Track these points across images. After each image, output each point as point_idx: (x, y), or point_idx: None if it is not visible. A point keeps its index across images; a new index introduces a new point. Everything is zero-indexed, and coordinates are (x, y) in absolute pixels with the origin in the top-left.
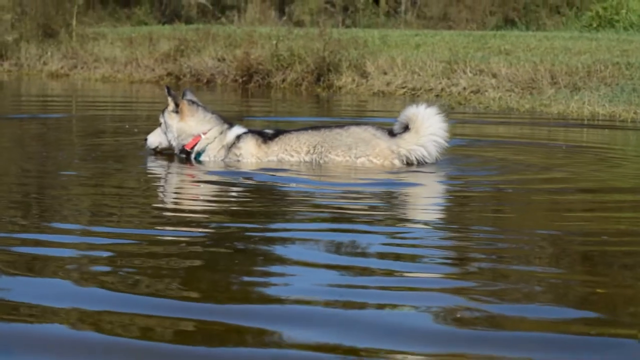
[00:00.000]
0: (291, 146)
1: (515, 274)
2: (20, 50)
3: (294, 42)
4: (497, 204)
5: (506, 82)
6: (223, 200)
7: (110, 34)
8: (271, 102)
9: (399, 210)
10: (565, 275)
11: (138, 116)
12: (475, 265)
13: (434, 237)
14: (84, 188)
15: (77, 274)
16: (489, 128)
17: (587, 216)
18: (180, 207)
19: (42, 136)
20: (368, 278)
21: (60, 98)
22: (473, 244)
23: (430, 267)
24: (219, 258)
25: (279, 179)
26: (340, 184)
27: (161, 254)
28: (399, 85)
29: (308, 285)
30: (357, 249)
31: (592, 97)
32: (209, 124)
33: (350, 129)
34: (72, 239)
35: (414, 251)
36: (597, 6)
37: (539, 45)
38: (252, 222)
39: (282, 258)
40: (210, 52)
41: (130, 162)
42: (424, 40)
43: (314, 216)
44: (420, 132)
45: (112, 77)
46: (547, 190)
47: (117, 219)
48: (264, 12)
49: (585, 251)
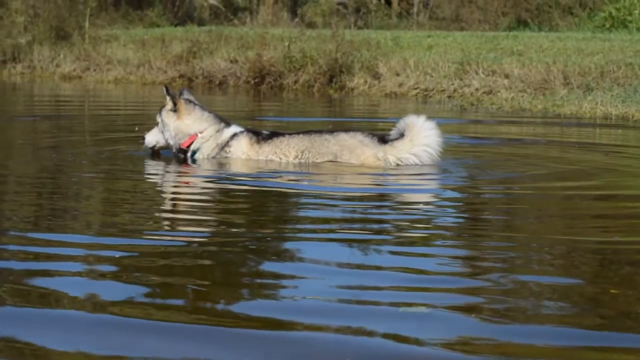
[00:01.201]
0: (281, 149)
1: (526, 286)
2: (33, 53)
3: (306, 44)
4: (508, 207)
5: (519, 83)
6: (225, 205)
7: (123, 36)
8: (283, 104)
9: (410, 216)
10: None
11: (149, 117)
12: (486, 277)
13: (445, 245)
14: (82, 191)
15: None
16: (501, 128)
17: (599, 221)
18: (181, 212)
19: (51, 136)
20: (376, 293)
21: (73, 100)
22: (484, 252)
23: (441, 279)
24: (231, 273)
25: (287, 184)
26: (350, 188)
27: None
28: (412, 87)
29: (312, 297)
30: (366, 260)
31: (605, 98)
32: (206, 123)
33: (338, 136)
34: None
35: (424, 263)
36: (610, 7)
37: (552, 46)
38: (261, 229)
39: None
40: (223, 54)
41: (134, 165)
42: (437, 41)
43: (321, 221)
44: (414, 141)
45: (125, 79)
46: (560, 190)
47: (122, 225)
48: (276, 14)
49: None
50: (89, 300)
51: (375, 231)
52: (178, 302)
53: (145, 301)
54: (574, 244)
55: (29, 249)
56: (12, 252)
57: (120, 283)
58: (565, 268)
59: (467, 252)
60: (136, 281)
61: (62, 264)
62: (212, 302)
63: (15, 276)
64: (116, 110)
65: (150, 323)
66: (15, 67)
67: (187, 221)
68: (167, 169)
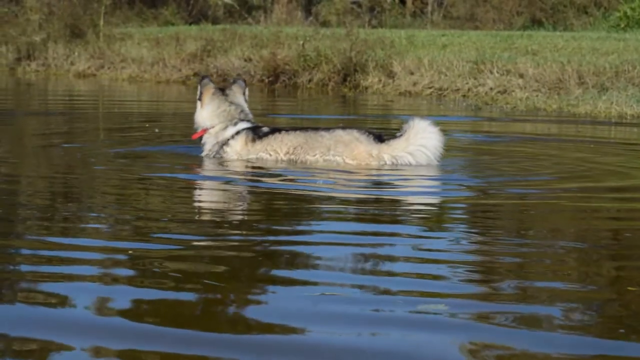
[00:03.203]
0: (272, 146)
1: (542, 292)
2: (47, 51)
3: (321, 43)
4: (522, 206)
5: (533, 83)
6: (241, 206)
7: (137, 34)
8: (297, 102)
9: (423, 218)
10: None
11: (162, 115)
12: (499, 283)
13: (457, 249)
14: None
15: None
16: (515, 126)
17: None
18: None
19: (63, 133)
20: (388, 310)
21: (87, 97)
22: (497, 256)
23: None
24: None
25: (295, 185)
26: (361, 190)
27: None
28: (426, 86)
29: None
30: (378, 265)
31: (620, 98)
32: (217, 119)
33: (334, 132)
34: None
35: (438, 268)
36: (625, 6)
37: (566, 46)
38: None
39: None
40: (237, 53)
41: (146, 163)
42: (451, 40)
43: (333, 225)
44: (410, 141)
45: (139, 77)
46: (574, 191)
47: (133, 227)
48: (291, 13)
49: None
50: (100, 304)
51: (387, 235)
52: (190, 308)
53: (155, 307)
54: (588, 246)
55: (40, 252)
56: (22, 254)
57: (131, 287)
58: (580, 273)
59: (480, 257)
60: (148, 285)
61: (74, 267)
62: (224, 307)
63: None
64: (130, 108)
65: (161, 329)
66: (30, 65)
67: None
68: (177, 167)
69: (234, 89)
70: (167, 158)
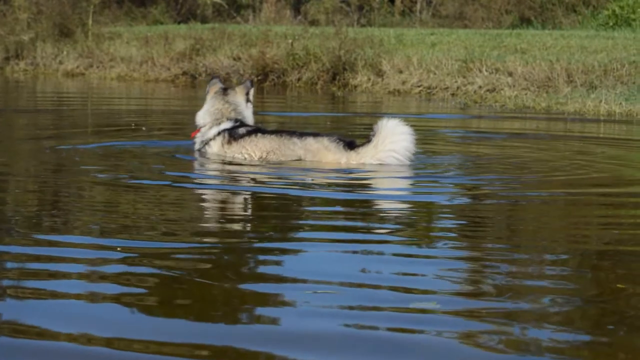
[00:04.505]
0: (246, 149)
1: (530, 293)
2: (36, 50)
3: (310, 41)
4: (511, 205)
5: (522, 81)
6: (226, 208)
7: (126, 33)
8: (286, 101)
9: (414, 220)
10: None
11: (150, 114)
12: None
13: (447, 250)
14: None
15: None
16: (504, 124)
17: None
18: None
19: (51, 131)
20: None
21: (75, 96)
22: (487, 259)
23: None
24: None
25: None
26: (347, 190)
27: None
28: (415, 84)
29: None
30: (367, 269)
31: (608, 96)
32: (209, 117)
33: (305, 140)
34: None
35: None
36: (613, 5)
37: (555, 44)
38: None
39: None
40: (226, 51)
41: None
42: (440, 39)
43: (320, 225)
44: (379, 147)
45: (128, 76)
46: (563, 186)
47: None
48: (279, 11)
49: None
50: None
51: (377, 235)
52: (179, 314)
53: (144, 318)
54: (577, 247)
55: (28, 250)
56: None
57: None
58: (568, 271)
59: (469, 265)
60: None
61: (61, 265)
62: (208, 308)
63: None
64: (118, 107)
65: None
66: (18, 64)
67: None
68: (159, 167)
69: (237, 89)
70: (152, 157)
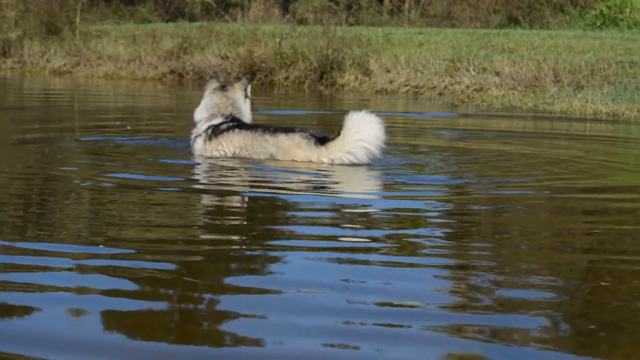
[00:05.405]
0: (222, 145)
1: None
2: (23, 48)
3: (297, 40)
4: (499, 205)
5: (509, 81)
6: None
7: (114, 32)
8: (274, 99)
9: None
10: None
11: (136, 112)
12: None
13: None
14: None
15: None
16: (491, 123)
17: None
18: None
19: (36, 129)
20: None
21: (62, 94)
22: (473, 261)
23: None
24: None
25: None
26: (331, 192)
27: None
28: (402, 83)
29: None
30: (353, 272)
31: (595, 96)
32: (206, 113)
33: (277, 137)
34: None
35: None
36: (601, 5)
37: (543, 44)
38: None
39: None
40: (214, 50)
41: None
42: (428, 38)
43: (305, 231)
44: (346, 139)
45: (115, 74)
46: (547, 186)
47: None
48: (268, 10)
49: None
50: None
51: (362, 242)
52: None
53: (126, 321)
54: (562, 243)
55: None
56: None
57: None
58: (553, 269)
59: (456, 255)
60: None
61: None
62: (194, 313)
63: None
64: (106, 105)
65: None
66: (6, 62)
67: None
68: (139, 167)
69: (235, 86)
70: (136, 155)
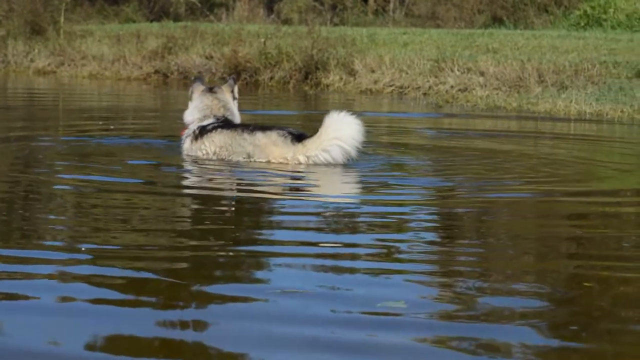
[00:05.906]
0: (205, 145)
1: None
2: (7, 47)
3: (282, 40)
4: (484, 207)
5: (494, 81)
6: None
7: (98, 32)
8: (258, 100)
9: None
10: None
11: (120, 112)
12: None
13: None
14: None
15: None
16: (475, 123)
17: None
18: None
19: (18, 127)
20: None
21: (46, 93)
22: (458, 257)
23: None
24: None
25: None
26: (319, 194)
27: None
28: (387, 84)
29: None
30: (339, 276)
31: (579, 96)
32: (198, 114)
33: (254, 135)
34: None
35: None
36: (585, 5)
37: (527, 44)
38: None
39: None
40: (198, 50)
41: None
42: (412, 38)
43: (297, 234)
44: (322, 137)
45: (100, 74)
46: (532, 186)
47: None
48: (252, 10)
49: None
50: None
51: (346, 245)
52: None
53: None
54: (547, 245)
55: None
56: None
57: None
58: (538, 271)
59: (442, 259)
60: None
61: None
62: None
63: None
64: (89, 105)
65: None
66: None
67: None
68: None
69: (223, 87)
70: (119, 155)
